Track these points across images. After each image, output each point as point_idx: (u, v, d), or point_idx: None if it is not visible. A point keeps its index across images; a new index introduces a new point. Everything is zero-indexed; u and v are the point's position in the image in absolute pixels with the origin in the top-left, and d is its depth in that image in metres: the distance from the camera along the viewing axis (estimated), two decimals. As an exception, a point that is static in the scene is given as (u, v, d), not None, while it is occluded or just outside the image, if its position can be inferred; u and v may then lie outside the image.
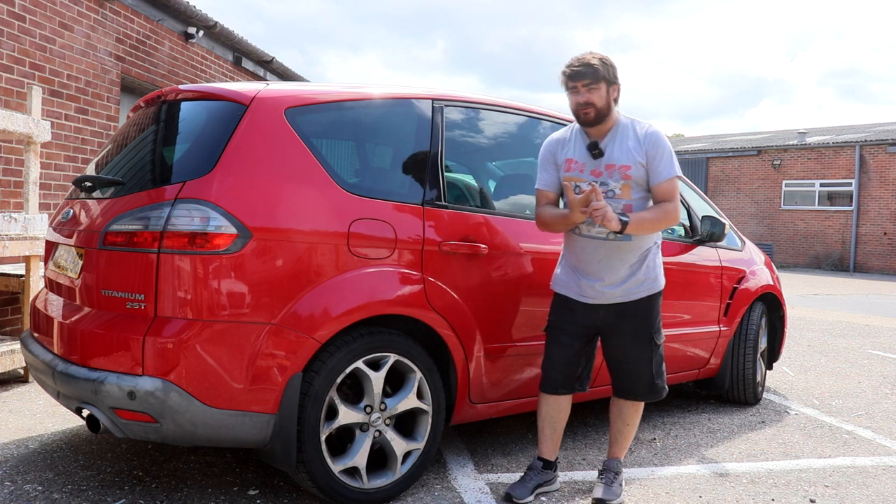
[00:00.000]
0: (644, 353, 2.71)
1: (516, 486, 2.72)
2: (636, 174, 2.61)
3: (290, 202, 2.40)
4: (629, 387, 2.78)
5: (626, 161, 2.61)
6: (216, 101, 2.58)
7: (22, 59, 5.11)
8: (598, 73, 2.57)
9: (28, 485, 2.66)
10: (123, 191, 2.49)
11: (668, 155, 2.62)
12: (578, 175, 2.67)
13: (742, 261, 4.27)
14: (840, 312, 9.82)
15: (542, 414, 2.83)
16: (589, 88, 2.57)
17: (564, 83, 2.64)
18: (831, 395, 4.78)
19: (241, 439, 2.33)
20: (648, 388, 2.75)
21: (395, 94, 2.88)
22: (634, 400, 2.80)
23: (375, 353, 2.53)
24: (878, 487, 3.03)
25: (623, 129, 2.65)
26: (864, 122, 26.31)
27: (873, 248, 19.77)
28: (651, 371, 2.72)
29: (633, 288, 2.68)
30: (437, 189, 2.79)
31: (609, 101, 2.61)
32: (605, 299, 2.68)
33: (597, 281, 2.67)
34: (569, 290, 2.76)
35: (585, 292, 2.70)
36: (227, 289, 2.26)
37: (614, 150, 2.63)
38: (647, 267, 2.69)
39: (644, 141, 2.62)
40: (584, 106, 2.59)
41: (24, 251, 4.14)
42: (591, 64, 2.57)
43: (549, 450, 2.82)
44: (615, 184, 2.62)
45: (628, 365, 2.74)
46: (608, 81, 2.60)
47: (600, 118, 2.61)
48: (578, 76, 2.58)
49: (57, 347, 2.49)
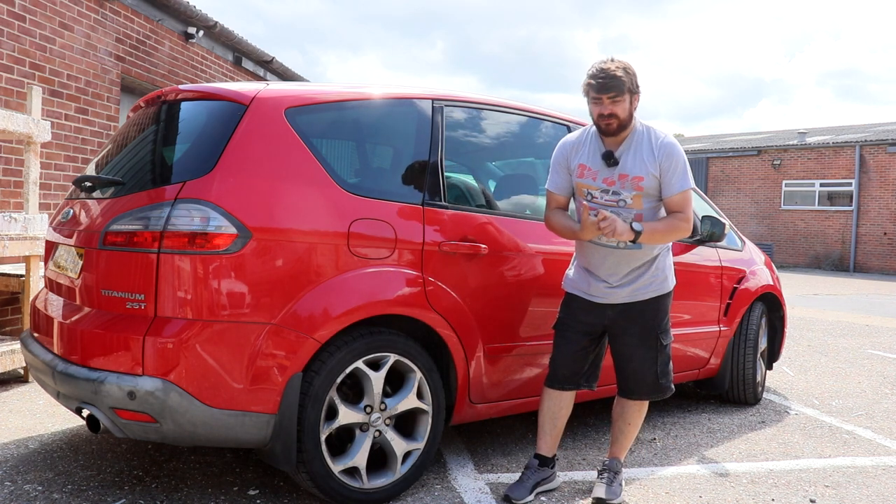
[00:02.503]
0: (650, 352, 2.71)
1: (514, 487, 2.71)
2: (648, 185, 2.60)
3: (290, 202, 2.40)
4: (634, 386, 2.77)
5: (640, 172, 2.60)
6: (216, 101, 2.58)
7: (22, 59, 5.11)
8: (623, 85, 2.53)
9: (28, 485, 2.66)
10: (123, 191, 2.49)
11: (683, 167, 2.61)
12: (591, 182, 2.66)
13: (742, 261, 4.27)
14: (840, 312, 9.82)
15: (544, 409, 2.82)
16: (614, 101, 2.54)
17: (587, 92, 2.59)
18: (831, 395, 4.78)
19: (241, 439, 2.33)
20: (653, 387, 2.75)
21: (395, 94, 2.88)
22: (638, 399, 2.80)
23: (375, 353, 2.53)
24: (878, 487, 3.04)
25: (639, 139, 2.63)
26: (864, 122, 26.30)
27: (873, 248, 19.77)
28: (656, 371, 2.72)
29: (642, 288, 2.68)
30: (438, 189, 2.79)
31: (631, 111, 2.60)
32: (613, 299, 2.69)
33: (605, 281, 2.68)
34: (578, 290, 2.77)
35: (594, 291, 2.71)
36: (227, 289, 2.26)
37: (628, 160, 2.61)
38: (657, 268, 2.70)
39: (659, 153, 2.60)
40: (608, 118, 2.56)
41: (24, 251, 4.14)
42: (617, 76, 2.52)
43: (547, 446, 2.82)
44: (627, 194, 2.61)
45: (634, 364, 2.74)
46: (631, 92, 2.58)
47: (621, 129, 2.60)
48: (605, 89, 2.52)
49: (57, 347, 2.49)
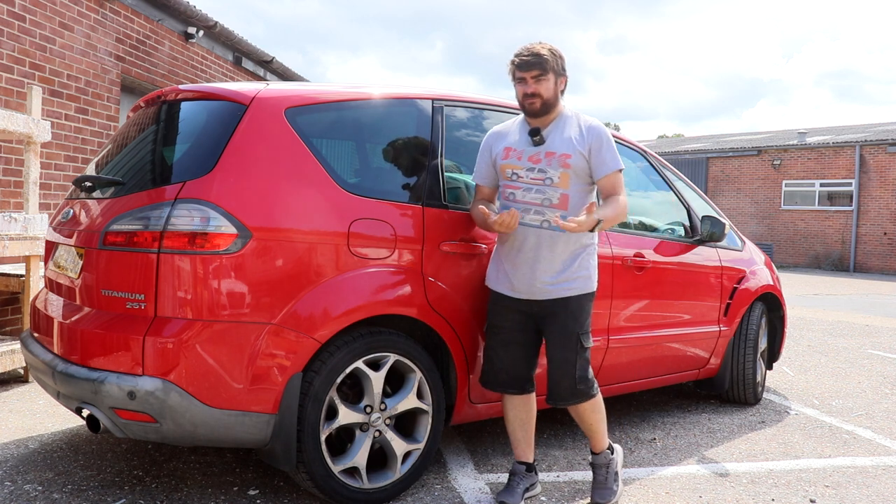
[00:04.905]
0: (569, 353, 2.58)
1: (506, 494, 2.65)
2: (576, 164, 2.56)
3: (289, 202, 2.40)
4: (552, 388, 2.64)
5: (567, 150, 2.57)
6: (216, 101, 2.58)
7: (22, 59, 5.11)
8: (547, 64, 2.55)
9: (28, 485, 2.66)
10: (123, 191, 2.49)
11: (612, 148, 2.60)
12: (516, 162, 2.63)
13: (742, 261, 4.27)
14: (840, 312, 9.82)
15: (510, 418, 2.74)
16: (537, 79, 2.55)
17: (512, 72, 2.61)
18: (831, 395, 4.78)
19: (241, 439, 2.34)
20: (570, 391, 2.60)
21: (395, 94, 2.88)
22: (555, 405, 2.67)
23: (375, 352, 2.53)
24: (878, 487, 3.04)
25: (567, 120, 2.63)
26: (864, 122, 26.31)
27: (873, 248, 19.77)
28: (574, 374, 2.58)
29: (565, 284, 2.58)
30: (437, 189, 2.79)
31: (556, 92, 2.60)
32: (536, 294, 2.60)
33: (527, 275, 2.59)
34: (501, 286, 2.68)
35: (517, 287, 2.62)
36: (227, 289, 2.26)
37: (556, 138, 2.60)
38: (580, 265, 2.61)
39: (587, 133, 2.59)
40: (531, 97, 2.57)
41: (24, 251, 4.15)
42: (540, 54, 2.55)
43: (525, 453, 2.76)
44: (554, 172, 2.57)
45: (552, 364, 2.62)
46: (556, 73, 2.58)
47: (546, 109, 2.59)
48: (527, 66, 2.55)
49: (57, 347, 2.49)
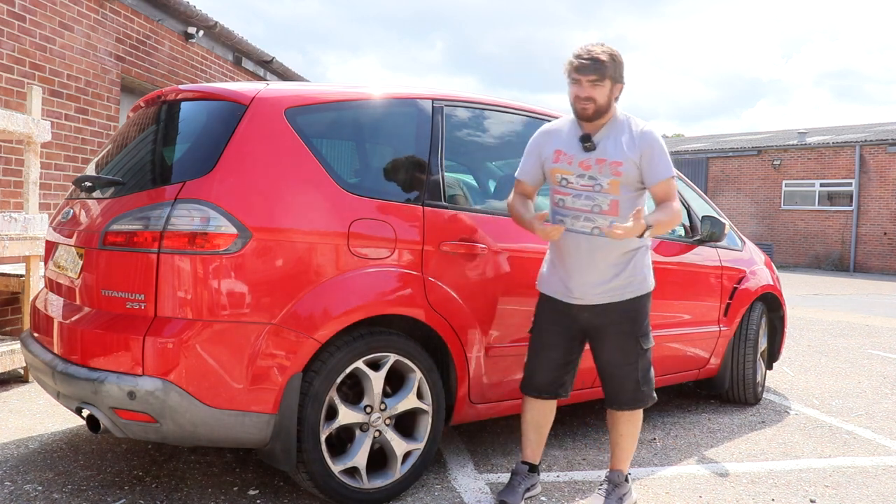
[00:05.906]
0: (630, 357, 2.59)
1: (507, 493, 2.65)
2: (627, 172, 2.52)
3: (289, 202, 2.40)
4: (614, 394, 2.65)
5: (619, 157, 2.52)
6: (216, 101, 2.58)
7: (22, 59, 5.11)
8: (606, 69, 2.48)
9: (28, 485, 2.66)
10: (123, 191, 2.49)
11: (665, 154, 2.56)
12: (566, 167, 2.59)
13: (742, 261, 4.27)
14: (840, 312, 9.82)
15: (528, 419, 2.74)
16: (593, 84, 2.48)
17: (568, 72, 2.53)
18: (831, 395, 4.78)
19: (241, 439, 2.34)
20: (633, 395, 2.62)
21: (395, 94, 2.88)
22: (619, 409, 2.65)
23: (375, 353, 2.53)
24: (878, 487, 3.03)
25: (619, 126, 2.58)
26: (864, 122, 26.29)
27: (873, 248, 19.76)
28: (637, 377, 2.60)
29: (620, 288, 2.56)
30: (438, 189, 2.79)
31: (610, 98, 2.54)
32: (591, 300, 2.58)
33: (582, 280, 2.57)
34: (555, 291, 2.67)
35: (572, 293, 2.60)
36: (227, 289, 2.26)
37: (608, 145, 2.55)
38: (635, 267, 2.59)
39: (640, 140, 2.53)
40: (584, 100, 2.51)
41: (24, 251, 4.14)
42: (599, 59, 2.47)
43: (534, 454, 2.76)
44: (604, 179, 2.53)
45: (613, 369, 2.63)
46: (614, 80, 2.52)
47: (598, 115, 2.54)
48: (585, 70, 2.47)
49: (57, 347, 2.49)
